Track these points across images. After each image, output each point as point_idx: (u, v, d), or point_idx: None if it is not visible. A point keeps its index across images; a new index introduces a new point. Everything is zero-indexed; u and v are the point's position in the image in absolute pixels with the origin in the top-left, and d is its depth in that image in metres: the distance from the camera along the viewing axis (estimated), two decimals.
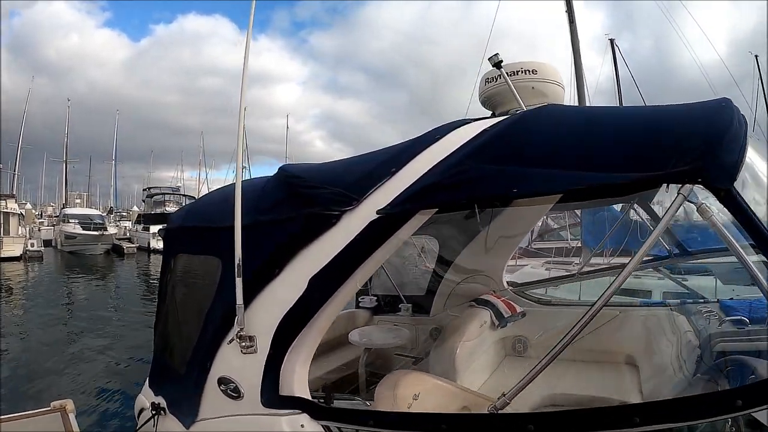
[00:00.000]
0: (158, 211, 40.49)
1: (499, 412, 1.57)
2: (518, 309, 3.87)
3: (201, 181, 62.22)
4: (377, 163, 1.86)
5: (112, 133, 64.88)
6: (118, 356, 9.59)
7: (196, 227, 2.61)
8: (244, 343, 1.92)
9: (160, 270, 2.91)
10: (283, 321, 1.85)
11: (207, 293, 2.27)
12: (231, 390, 2.04)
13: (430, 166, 1.65)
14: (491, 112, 2.73)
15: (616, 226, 4.96)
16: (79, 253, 32.87)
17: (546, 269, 9.83)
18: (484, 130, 1.67)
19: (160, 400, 2.50)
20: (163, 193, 45.24)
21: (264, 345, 1.90)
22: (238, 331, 1.91)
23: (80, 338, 11.13)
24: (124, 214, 56.95)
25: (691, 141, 1.30)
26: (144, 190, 49.66)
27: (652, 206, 3.81)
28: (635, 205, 3.97)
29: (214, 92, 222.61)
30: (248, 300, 1.91)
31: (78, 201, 59.94)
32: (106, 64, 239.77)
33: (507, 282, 4.39)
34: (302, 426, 1.82)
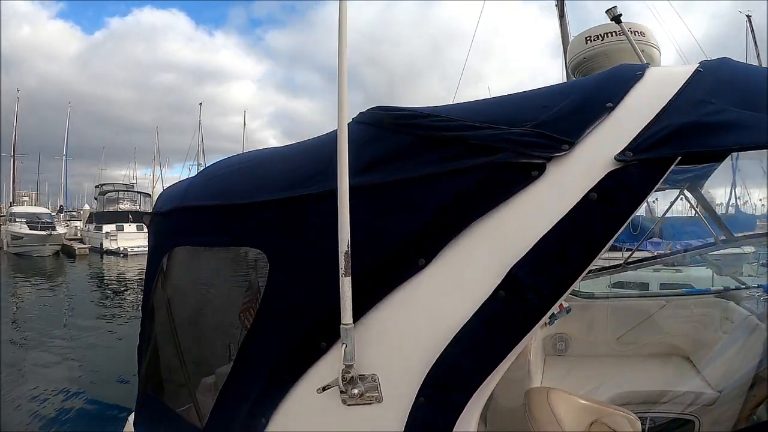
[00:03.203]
0: (111, 209, 38.78)
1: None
2: (564, 304, 3.44)
3: (155, 179, 60.25)
4: (579, 97, 1.25)
5: (62, 129, 61.13)
6: (76, 383, 8.13)
7: (212, 207, 1.76)
8: (356, 390, 1.17)
9: (145, 274, 2.13)
10: (457, 346, 1.10)
11: (237, 306, 1.59)
12: None
13: (662, 104, 1.14)
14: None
15: (663, 215, 4.77)
16: (25, 255, 30.85)
17: None
18: (697, 70, 1.22)
19: None
20: (117, 190, 43.20)
21: (399, 388, 1.16)
22: (345, 370, 1.16)
23: (30, 362, 9.49)
24: (75, 214, 54.21)
25: None
26: (96, 187, 47.22)
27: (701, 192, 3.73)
28: (685, 191, 3.74)
29: (168, 88, 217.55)
30: (356, 315, 1.17)
31: (26, 199, 56.50)
32: (57, 57, 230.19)
33: None
34: None
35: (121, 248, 32.64)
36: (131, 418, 2.12)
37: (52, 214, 41.52)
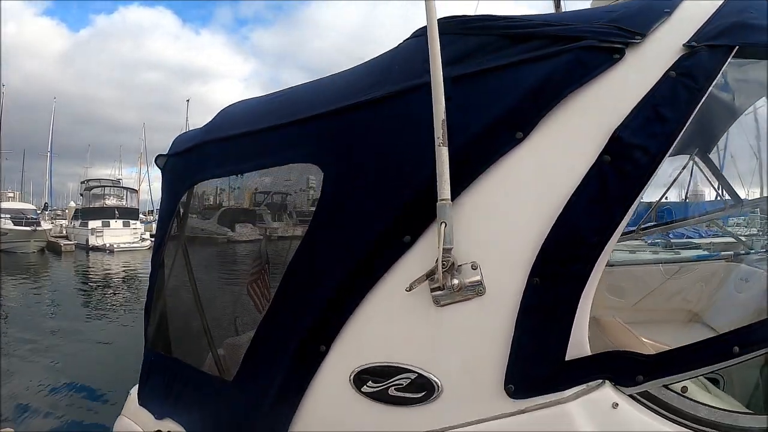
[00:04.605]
0: (97, 204, 38.17)
1: None
2: None
3: (141, 178, 59.76)
4: (638, 6, 1.35)
5: (46, 129, 60.59)
6: (64, 372, 7.98)
7: (246, 133, 1.63)
8: (455, 281, 1.04)
9: (157, 221, 2.02)
10: (569, 216, 1.06)
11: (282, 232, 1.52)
12: (399, 388, 1.15)
13: (712, 11, 1.27)
14: None
15: (673, 181, 4.77)
16: (10, 252, 30.14)
17: None
18: None
19: (179, 429, 1.65)
20: (103, 186, 42.49)
21: (504, 274, 1.07)
22: (443, 255, 1.02)
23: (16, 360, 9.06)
24: (60, 213, 53.37)
25: None
26: (82, 182, 46.47)
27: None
28: (695, 158, 3.66)
29: (153, 87, 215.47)
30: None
31: (11, 196, 55.40)
32: (42, 55, 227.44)
33: None
34: (615, 405, 1.07)
35: (107, 244, 32.20)
36: (134, 390, 1.99)
37: (37, 210, 40.76)
